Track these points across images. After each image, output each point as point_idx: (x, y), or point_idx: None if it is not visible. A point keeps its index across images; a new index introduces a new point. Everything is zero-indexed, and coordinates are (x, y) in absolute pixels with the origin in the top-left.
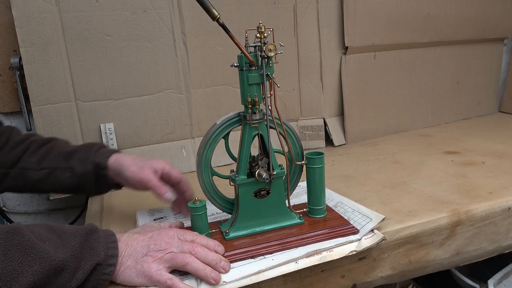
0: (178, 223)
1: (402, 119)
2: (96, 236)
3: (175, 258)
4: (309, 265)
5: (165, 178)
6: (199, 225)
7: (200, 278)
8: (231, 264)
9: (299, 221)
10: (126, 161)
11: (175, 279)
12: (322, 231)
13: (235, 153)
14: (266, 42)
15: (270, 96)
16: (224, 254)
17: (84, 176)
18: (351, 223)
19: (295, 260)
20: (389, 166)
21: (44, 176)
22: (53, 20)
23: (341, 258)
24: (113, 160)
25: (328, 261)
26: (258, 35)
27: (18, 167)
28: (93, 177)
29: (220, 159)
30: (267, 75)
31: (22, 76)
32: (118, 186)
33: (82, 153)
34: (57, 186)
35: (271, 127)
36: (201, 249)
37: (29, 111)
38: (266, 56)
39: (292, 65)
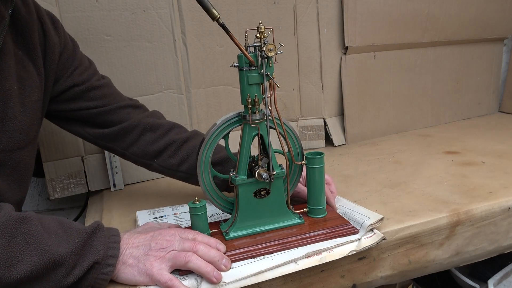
0: (176, 225)
1: (402, 119)
2: (99, 234)
3: (177, 256)
4: (309, 266)
5: None
6: (199, 225)
7: (202, 276)
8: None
9: (299, 221)
10: None
11: (175, 280)
12: (322, 231)
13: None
14: (266, 42)
15: (270, 96)
16: (225, 252)
17: (217, 185)
18: (351, 223)
19: (295, 260)
20: (389, 166)
21: (181, 177)
22: None
23: (341, 258)
24: None
25: (328, 261)
26: (258, 35)
27: (160, 165)
28: (222, 188)
29: None
30: (267, 75)
31: None
32: None
33: (219, 167)
34: (191, 183)
35: (271, 127)
36: (202, 247)
37: None
38: (266, 56)
39: (292, 65)
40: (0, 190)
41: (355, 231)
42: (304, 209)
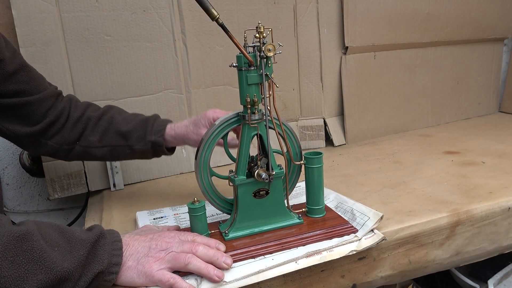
0: (175, 226)
1: (402, 119)
2: (102, 242)
3: (177, 258)
4: (309, 265)
5: None
6: (198, 226)
7: (203, 276)
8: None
9: (298, 221)
10: (182, 130)
11: (177, 278)
12: (321, 231)
13: (234, 154)
14: (265, 42)
15: (269, 96)
16: (225, 252)
17: (143, 152)
18: (350, 222)
19: (295, 260)
20: (389, 166)
21: (106, 153)
22: (53, 20)
23: (341, 258)
24: (169, 134)
25: (328, 261)
26: (257, 35)
27: (81, 145)
28: (151, 152)
29: (220, 159)
30: (266, 75)
31: None
32: (172, 151)
33: (139, 131)
34: (118, 158)
35: (270, 127)
36: (202, 248)
37: None
38: (265, 56)
39: (292, 65)
40: None
41: (353, 230)
42: (303, 209)
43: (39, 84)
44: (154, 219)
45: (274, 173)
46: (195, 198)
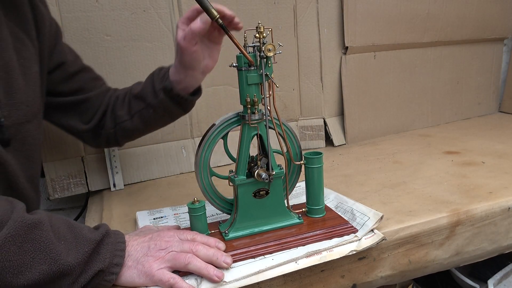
0: (175, 226)
1: (402, 119)
2: (106, 241)
3: (177, 258)
4: (309, 265)
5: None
6: (198, 226)
7: (203, 277)
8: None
9: (298, 221)
10: (175, 61)
11: (177, 278)
12: (321, 231)
13: (234, 154)
14: (265, 42)
15: (269, 96)
16: (225, 251)
17: (163, 104)
18: (350, 222)
19: (295, 260)
20: (389, 166)
21: (137, 122)
22: None
23: (341, 258)
24: (172, 72)
25: (328, 261)
26: (257, 35)
27: (118, 123)
28: (170, 101)
29: (220, 159)
30: (266, 75)
31: None
32: (197, 93)
33: (149, 87)
34: (152, 125)
35: (270, 127)
36: (201, 247)
37: None
38: (265, 56)
39: (292, 65)
40: (11, 165)
41: (353, 230)
42: (303, 209)
43: (96, 82)
44: (154, 219)
45: (274, 173)
46: (195, 198)
